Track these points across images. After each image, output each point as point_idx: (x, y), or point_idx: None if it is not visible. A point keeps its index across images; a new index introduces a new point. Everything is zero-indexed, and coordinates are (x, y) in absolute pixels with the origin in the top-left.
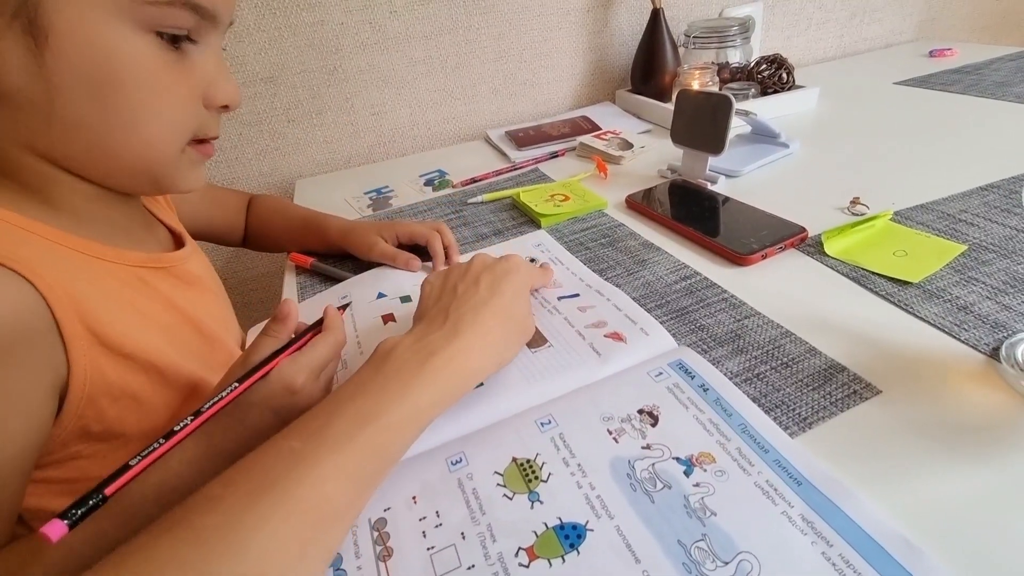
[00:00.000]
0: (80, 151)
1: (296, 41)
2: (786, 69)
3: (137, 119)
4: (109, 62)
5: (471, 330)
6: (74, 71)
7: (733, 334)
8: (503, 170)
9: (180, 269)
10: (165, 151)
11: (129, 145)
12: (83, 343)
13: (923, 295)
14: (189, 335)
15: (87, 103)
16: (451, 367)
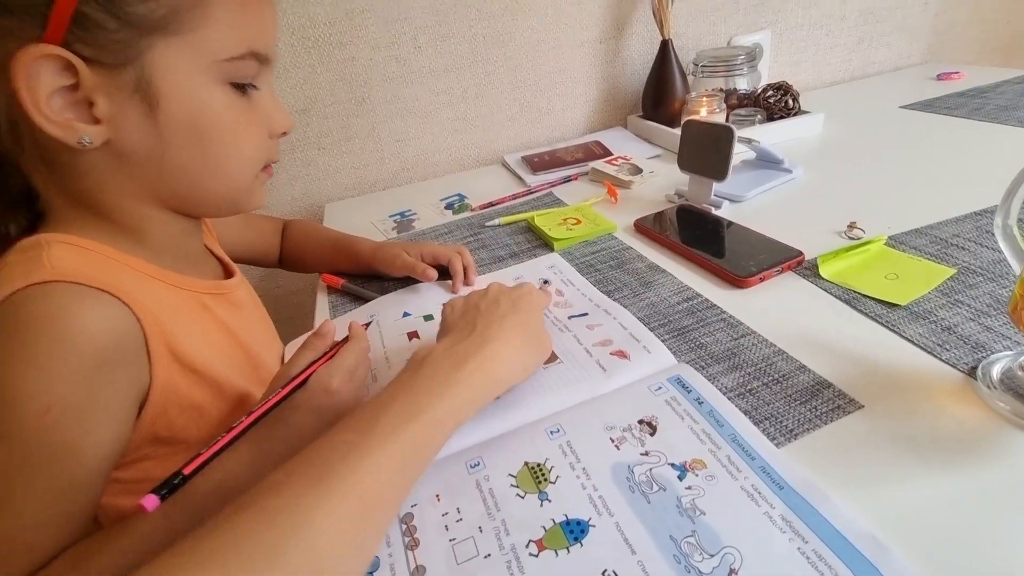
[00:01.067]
0: (181, 189)
1: (328, 76)
2: (791, 96)
3: (226, 158)
4: (203, 114)
5: (497, 339)
6: (179, 125)
7: (729, 352)
8: (519, 194)
9: (233, 296)
10: (245, 180)
11: (220, 180)
12: (164, 360)
13: (909, 316)
14: (239, 354)
15: (189, 150)
16: (482, 371)
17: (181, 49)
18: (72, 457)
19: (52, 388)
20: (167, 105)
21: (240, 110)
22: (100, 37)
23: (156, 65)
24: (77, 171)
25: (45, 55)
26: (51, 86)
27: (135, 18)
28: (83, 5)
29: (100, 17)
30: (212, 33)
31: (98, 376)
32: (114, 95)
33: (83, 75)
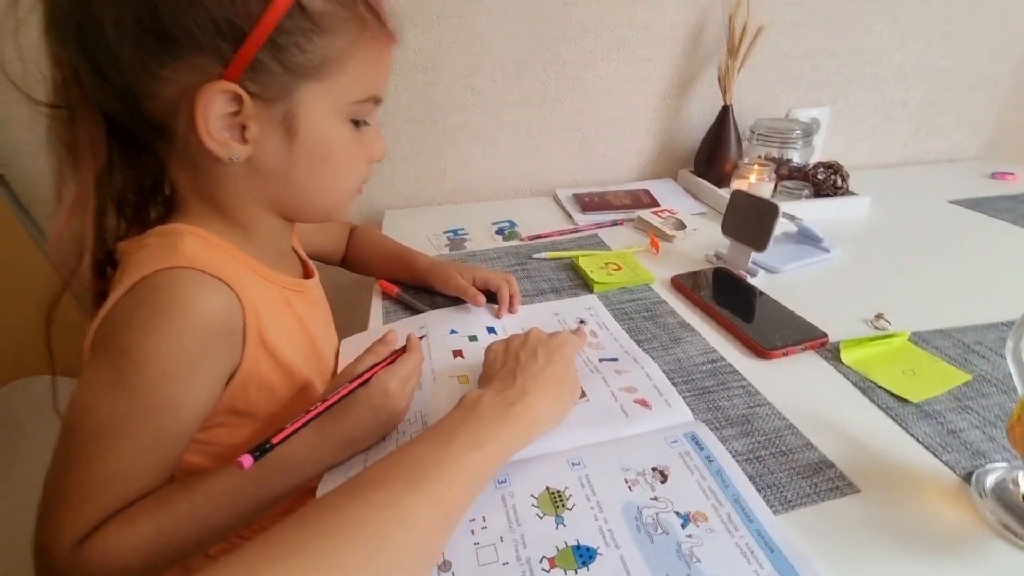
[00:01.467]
0: (293, 200)
1: (408, 95)
2: (841, 175)
3: (335, 180)
4: (327, 144)
5: (535, 391)
6: (306, 151)
7: (744, 418)
8: (567, 231)
9: (309, 294)
10: (344, 198)
11: (326, 196)
12: (254, 344)
13: (919, 414)
14: (308, 346)
15: (309, 171)
16: (525, 417)
17: (322, 92)
18: (173, 414)
19: (171, 355)
20: (302, 135)
21: (353, 142)
22: (265, 78)
23: (301, 103)
24: (216, 177)
25: (224, 90)
26: (219, 112)
27: (294, 65)
28: (260, 52)
29: (269, 63)
30: (347, 81)
31: (206, 351)
32: (264, 123)
33: (246, 106)
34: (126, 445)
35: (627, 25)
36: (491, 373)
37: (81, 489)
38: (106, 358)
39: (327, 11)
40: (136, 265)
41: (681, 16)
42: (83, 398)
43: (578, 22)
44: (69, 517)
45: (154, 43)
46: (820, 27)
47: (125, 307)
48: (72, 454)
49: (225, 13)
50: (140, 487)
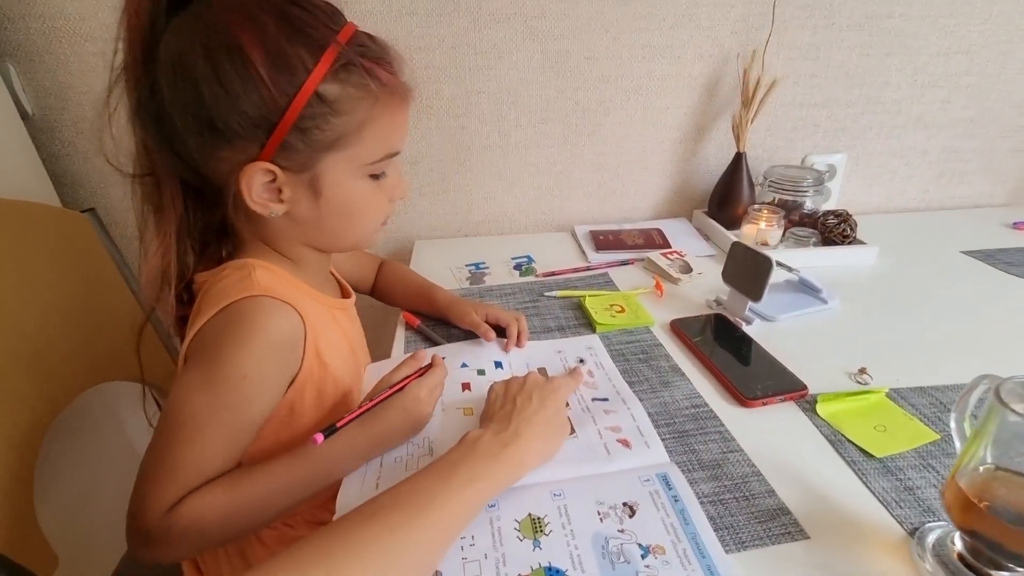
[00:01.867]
0: (325, 241)
1: (440, 138)
2: (850, 224)
3: (359, 225)
4: (348, 199)
5: (526, 433)
6: (332, 206)
7: (715, 462)
8: (579, 268)
9: (350, 311)
10: (367, 236)
11: (352, 237)
12: (311, 354)
13: (880, 469)
14: (350, 357)
15: (336, 220)
16: (517, 456)
17: (341, 160)
18: (248, 410)
19: (251, 363)
20: (327, 195)
21: (373, 193)
22: (293, 155)
23: (323, 170)
24: (265, 225)
25: (261, 169)
26: (260, 182)
27: (316, 143)
28: (288, 136)
29: (295, 143)
30: (363, 148)
31: (277, 360)
32: (295, 188)
33: (279, 177)
34: (209, 433)
35: (645, 77)
36: (491, 412)
37: (172, 467)
38: (199, 364)
39: (342, 96)
40: (221, 292)
41: (698, 69)
42: (179, 395)
43: (599, 75)
44: (161, 490)
45: (209, 133)
46: (836, 79)
47: (216, 325)
48: (167, 439)
49: (258, 111)
50: (217, 468)
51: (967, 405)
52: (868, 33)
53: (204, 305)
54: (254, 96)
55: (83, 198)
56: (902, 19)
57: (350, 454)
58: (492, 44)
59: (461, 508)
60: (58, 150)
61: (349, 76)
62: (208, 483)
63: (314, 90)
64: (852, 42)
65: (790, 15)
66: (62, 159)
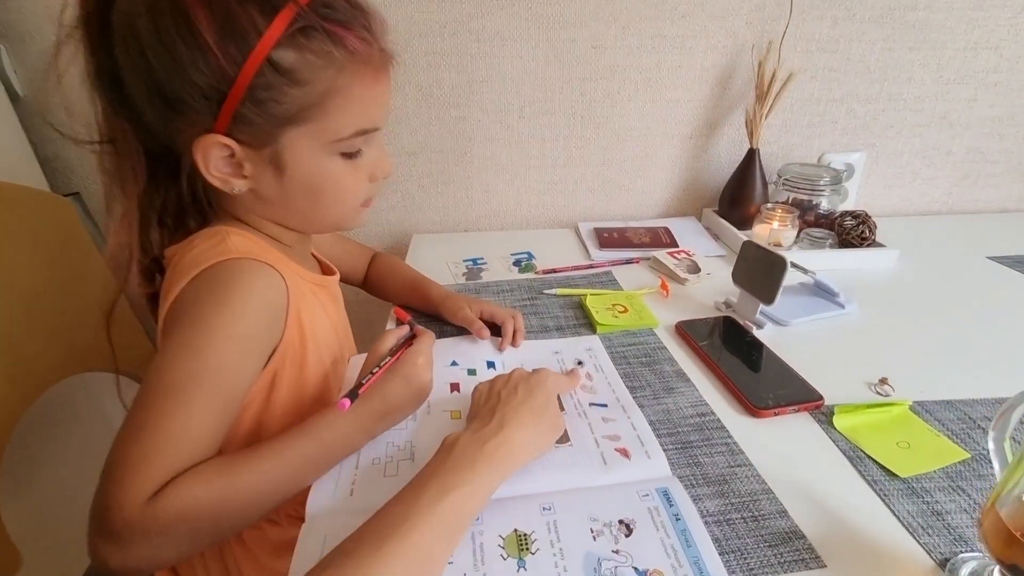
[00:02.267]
0: (298, 221)
1: (440, 128)
2: (868, 226)
3: (331, 206)
4: (316, 177)
5: (512, 424)
6: (297, 184)
7: (722, 477)
8: (581, 266)
9: (331, 289)
10: (346, 216)
11: (325, 219)
12: (293, 323)
13: (905, 490)
14: (330, 336)
15: (303, 200)
16: (500, 452)
17: (304, 134)
18: (234, 376)
19: (235, 324)
20: (290, 171)
21: (346, 171)
22: (250, 128)
23: (285, 145)
24: (233, 202)
25: (215, 142)
26: (218, 156)
27: (274, 115)
28: (240, 108)
29: (250, 115)
30: (328, 123)
31: (261, 324)
32: (256, 163)
33: (237, 152)
34: (194, 403)
35: (655, 68)
36: (475, 409)
37: (154, 445)
38: (178, 330)
39: (299, 63)
40: (195, 259)
41: (710, 61)
42: (158, 364)
43: (607, 64)
44: (143, 473)
45: (160, 103)
46: (856, 73)
47: (193, 290)
48: (147, 413)
49: (207, 80)
50: (204, 445)
51: (1008, 424)
52: (891, 26)
53: (176, 275)
54: (201, 64)
55: (74, 183)
56: (927, 11)
57: (353, 430)
58: (495, 31)
59: (437, 525)
60: (49, 133)
61: (309, 42)
62: (196, 466)
63: (266, 57)
64: (874, 35)
65: (809, 5)
66: (52, 142)
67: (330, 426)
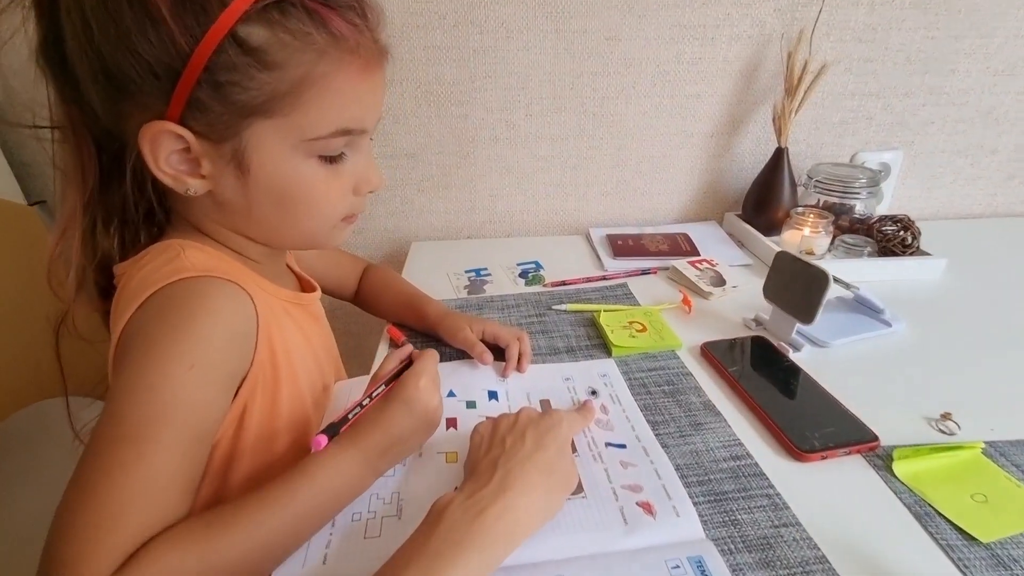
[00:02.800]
0: (264, 234)
1: (441, 128)
2: (912, 232)
3: (304, 218)
4: (285, 182)
5: (518, 485)
6: (263, 189)
7: (765, 542)
8: (593, 278)
9: (311, 308)
10: (321, 232)
11: (296, 232)
12: (264, 346)
13: (990, 560)
14: (310, 357)
15: (271, 209)
16: (500, 525)
17: (273, 129)
18: (200, 412)
19: (197, 350)
20: (255, 173)
21: (324, 179)
22: (208, 117)
23: (250, 141)
24: (189, 207)
25: (165, 130)
26: (168, 149)
27: (237, 104)
28: (196, 91)
29: (209, 102)
30: (302, 117)
31: (229, 347)
32: (215, 160)
33: (192, 144)
34: (157, 450)
35: (674, 60)
36: (474, 460)
37: (113, 507)
38: (130, 364)
39: (271, 43)
40: (141, 282)
41: (734, 52)
42: (110, 409)
43: (621, 57)
44: (102, 544)
45: (105, 81)
46: (895, 65)
47: (144, 316)
48: (101, 469)
49: (157, 55)
50: (173, 499)
51: None
52: (934, 12)
53: (124, 299)
54: (151, 35)
55: (48, 191)
56: None
57: (358, 471)
58: (500, 22)
59: None
60: (20, 138)
61: (284, 18)
62: (166, 532)
63: (229, 31)
64: (915, 22)
65: None
66: (27, 147)
67: (328, 467)
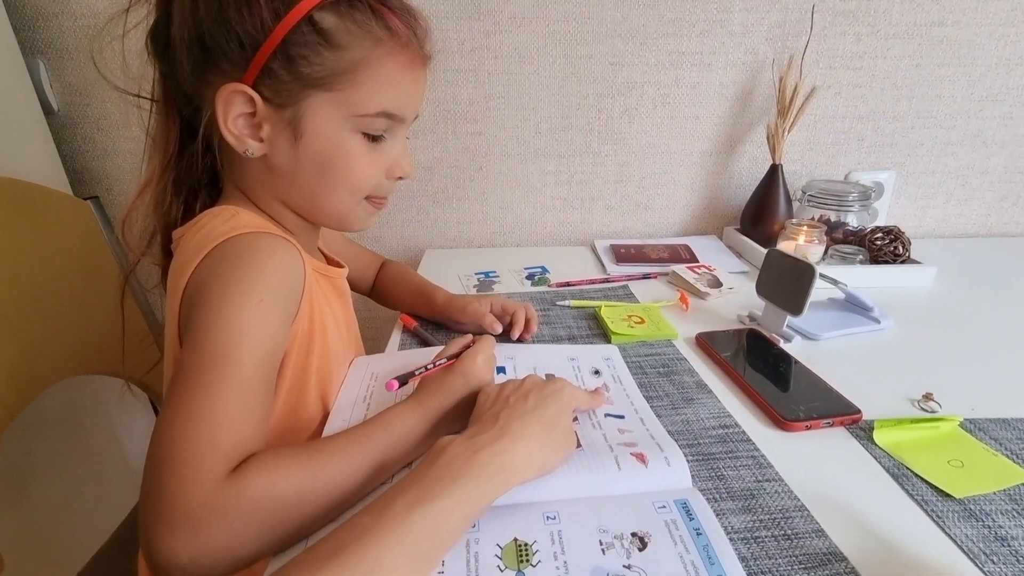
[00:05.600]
0: (302, 201)
1: (456, 143)
2: (902, 242)
3: (338, 186)
4: (331, 150)
5: (515, 433)
6: (311, 156)
7: (748, 492)
8: (596, 280)
9: (337, 282)
10: (347, 204)
11: (335, 200)
12: (307, 299)
13: (962, 513)
14: (333, 332)
15: (313, 174)
16: (495, 463)
17: (328, 102)
18: (269, 341)
19: (263, 286)
20: (307, 139)
21: (363, 153)
22: (277, 84)
23: (308, 109)
24: (243, 170)
25: (239, 91)
26: (238, 110)
27: (303, 75)
28: (271, 62)
29: (280, 71)
30: (354, 95)
31: (287, 289)
32: (275, 125)
33: (259, 108)
34: (236, 372)
35: (674, 84)
36: (478, 414)
37: (215, 419)
38: (205, 304)
39: (339, 27)
40: (203, 238)
41: (730, 77)
42: (190, 342)
43: (625, 81)
44: (213, 449)
45: (200, 52)
46: (882, 90)
47: (210, 265)
48: (197, 389)
49: (245, 27)
50: (256, 421)
51: None
52: (917, 42)
53: (187, 254)
54: (245, 11)
55: (98, 192)
56: (955, 27)
57: (423, 426)
58: (513, 48)
59: (403, 543)
60: (79, 146)
61: (352, 11)
62: (269, 451)
63: (307, 13)
64: (899, 51)
65: (830, 22)
66: (81, 155)
67: (402, 418)
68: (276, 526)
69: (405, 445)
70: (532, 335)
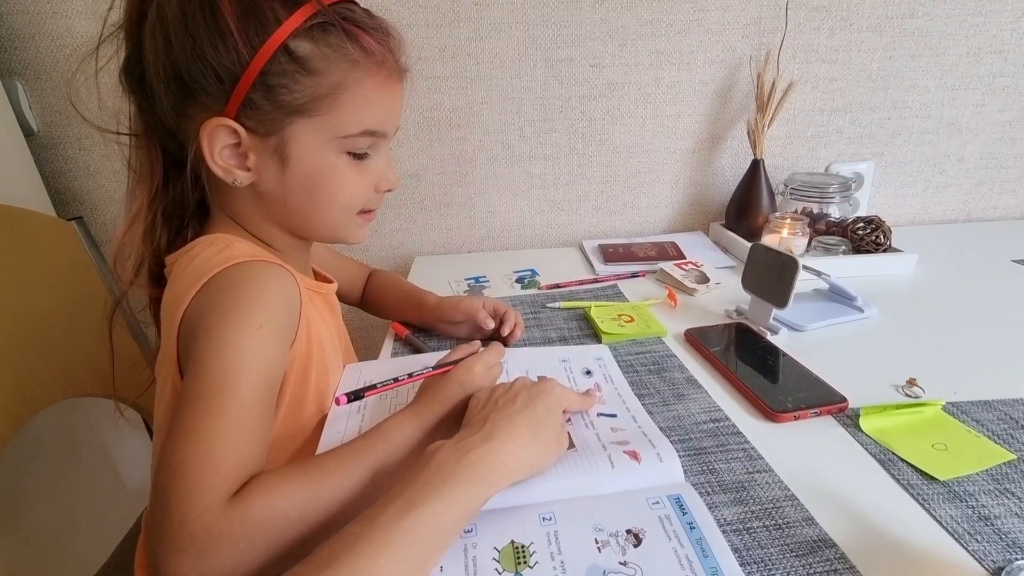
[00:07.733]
0: (295, 222)
1: (442, 150)
2: (883, 231)
3: (329, 206)
4: (319, 173)
5: (504, 433)
6: (299, 180)
7: (740, 484)
8: (585, 281)
9: (328, 298)
10: (340, 221)
11: (327, 218)
12: (303, 324)
13: (947, 494)
14: (328, 342)
15: (303, 197)
16: (484, 464)
17: (312, 127)
18: (269, 367)
19: (263, 313)
20: (294, 164)
21: (349, 172)
22: (259, 114)
23: (292, 136)
24: (232, 197)
25: (222, 124)
26: (223, 143)
27: (283, 103)
28: (251, 93)
29: (261, 101)
30: (336, 117)
31: (285, 314)
32: (261, 153)
33: (244, 138)
34: (236, 397)
35: (654, 83)
36: (468, 418)
37: (218, 443)
38: (205, 332)
39: (315, 54)
40: (198, 268)
41: (709, 74)
42: (191, 369)
43: (606, 82)
44: (216, 473)
45: (176, 87)
46: (858, 82)
47: (208, 295)
48: (199, 414)
49: (222, 61)
50: (257, 443)
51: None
52: (889, 34)
53: (183, 283)
54: (220, 46)
55: (82, 212)
56: (926, 19)
57: (417, 435)
58: (494, 53)
59: (395, 549)
60: (60, 167)
61: (326, 36)
62: (269, 472)
63: (282, 43)
64: (873, 44)
65: (804, 18)
66: (63, 175)
67: (399, 428)
68: (280, 545)
69: (403, 454)
70: (515, 340)
